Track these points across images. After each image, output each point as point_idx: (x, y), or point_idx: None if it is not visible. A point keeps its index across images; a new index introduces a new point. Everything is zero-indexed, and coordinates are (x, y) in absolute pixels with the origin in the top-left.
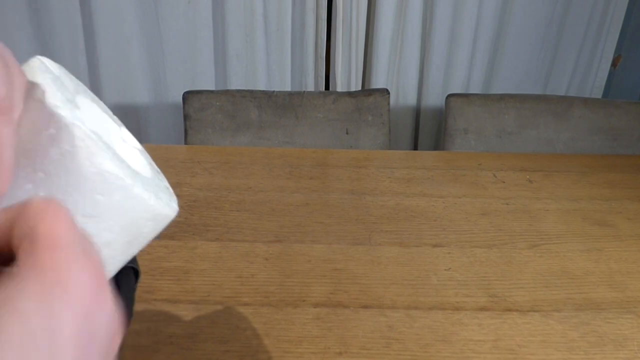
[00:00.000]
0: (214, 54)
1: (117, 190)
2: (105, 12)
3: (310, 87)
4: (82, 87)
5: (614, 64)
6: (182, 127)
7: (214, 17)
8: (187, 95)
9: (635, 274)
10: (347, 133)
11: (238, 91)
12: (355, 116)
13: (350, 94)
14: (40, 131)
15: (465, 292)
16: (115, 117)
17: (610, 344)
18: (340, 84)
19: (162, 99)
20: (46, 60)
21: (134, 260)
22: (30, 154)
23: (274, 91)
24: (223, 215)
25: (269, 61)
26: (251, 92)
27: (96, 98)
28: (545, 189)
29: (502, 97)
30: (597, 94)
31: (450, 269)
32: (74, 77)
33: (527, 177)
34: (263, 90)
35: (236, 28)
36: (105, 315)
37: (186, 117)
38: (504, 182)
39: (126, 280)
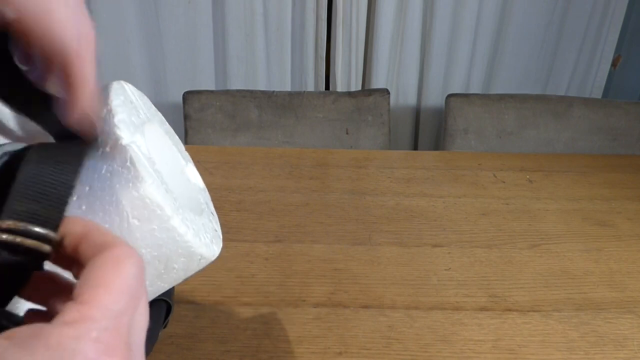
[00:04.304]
0: (214, 54)
1: (154, 219)
2: (105, 12)
3: (310, 87)
4: (159, 118)
5: (614, 64)
6: (182, 127)
7: (214, 17)
8: (187, 95)
9: (635, 274)
10: (347, 133)
11: (238, 91)
12: (355, 116)
13: (350, 94)
14: (97, 147)
15: (465, 292)
16: (186, 153)
17: (610, 344)
18: (340, 84)
19: (162, 99)
20: (128, 86)
21: (169, 293)
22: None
23: (274, 91)
24: (223, 215)
25: (269, 61)
26: (251, 92)
27: (171, 131)
28: (545, 189)
29: (502, 97)
30: (597, 94)
31: (450, 269)
32: (154, 108)
33: (527, 177)
34: (263, 90)
35: (236, 28)
36: None
37: (186, 117)
38: (504, 182)
39: (155, 314)
